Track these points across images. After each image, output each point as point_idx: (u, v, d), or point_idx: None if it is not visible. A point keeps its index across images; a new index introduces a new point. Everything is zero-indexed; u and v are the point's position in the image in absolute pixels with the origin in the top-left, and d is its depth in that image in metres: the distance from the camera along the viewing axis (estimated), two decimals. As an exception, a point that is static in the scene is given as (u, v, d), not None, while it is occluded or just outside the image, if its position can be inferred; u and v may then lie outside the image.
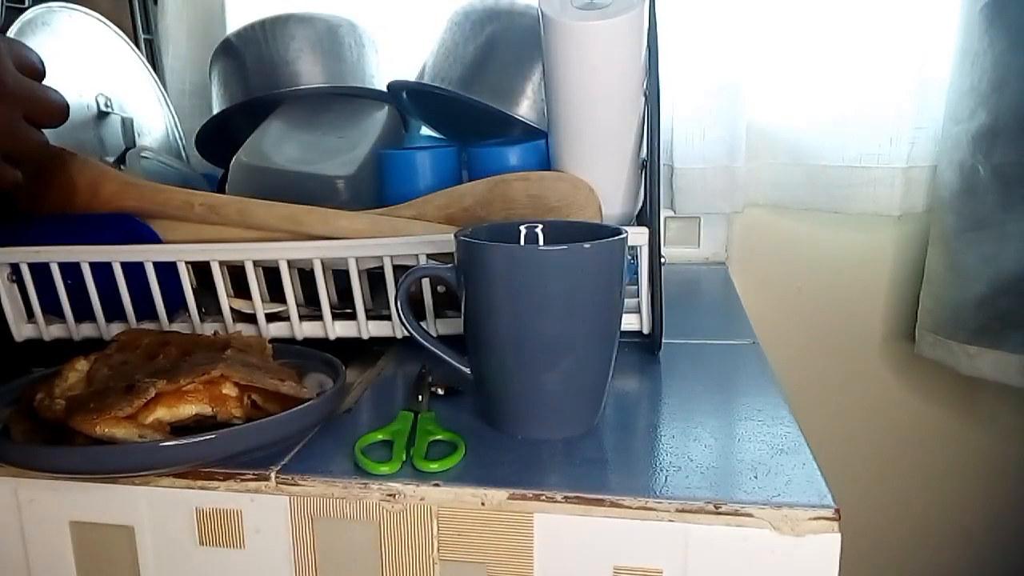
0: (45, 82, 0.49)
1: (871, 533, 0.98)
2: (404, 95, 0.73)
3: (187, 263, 0.58)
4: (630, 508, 0.36)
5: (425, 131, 0.81)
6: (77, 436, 0.39)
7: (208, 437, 0.39)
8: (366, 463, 0.40)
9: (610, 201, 0.56)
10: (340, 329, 0.59)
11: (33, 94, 0.48)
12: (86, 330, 0.62)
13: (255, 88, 0.73)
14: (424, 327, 0.49)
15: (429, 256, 0.55)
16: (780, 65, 0.86)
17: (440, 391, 0.50)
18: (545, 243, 0.47)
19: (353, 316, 0.58)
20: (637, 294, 0.56)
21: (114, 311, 0.60)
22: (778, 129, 0.89)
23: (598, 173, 0.55)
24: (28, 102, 0.47)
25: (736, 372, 0.54)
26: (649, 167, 0.54)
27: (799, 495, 0.36)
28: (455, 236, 0.43)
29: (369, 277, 0.60)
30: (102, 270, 0.58)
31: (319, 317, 0.58)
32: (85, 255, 0.58)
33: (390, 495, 0.39)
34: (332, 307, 0.59)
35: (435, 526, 0.38)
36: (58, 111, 0.50)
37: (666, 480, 0.38)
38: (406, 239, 0.55)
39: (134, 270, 0.58)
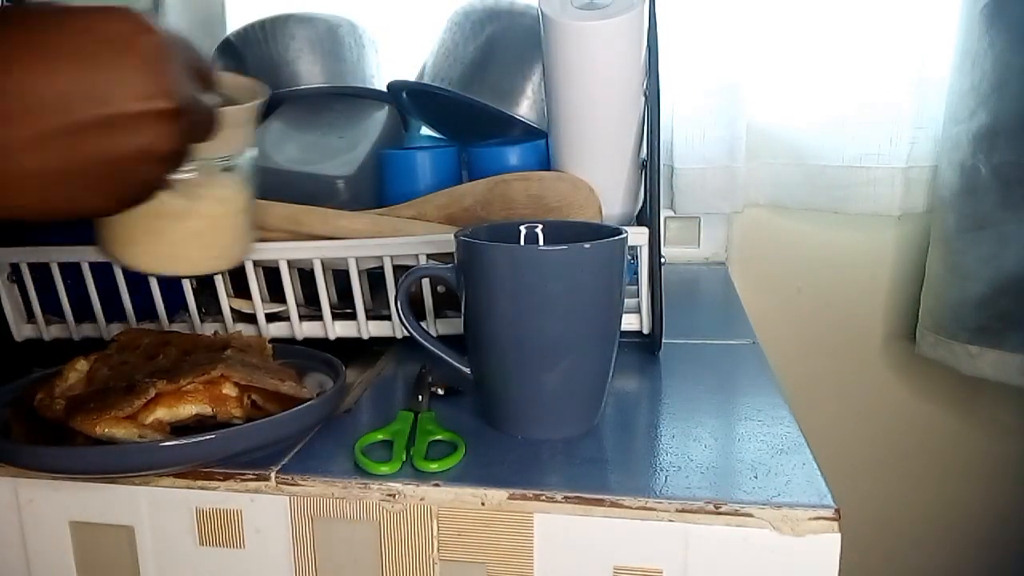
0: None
1: (871, 533, 0.98)
2: (404, 95, 0.73)
3: (187, 263, 0.58)
4: (630, 508, 0.36)
5: (425, 131, 0.81)
6: (77, 436, 0.39)
7: (208, 437, 0.39)
8: (366, 463, 0.40)
9: (610, 201, 0.56)
10: (340, 329, 0.59)
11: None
12: (86, 330, 0.62)
13: (255, 88, 0.73)
14: (424, 327, 0.49)
15: (429, 256, 0.55)
16: (780, 65, 0.86)
17: (440, 391, 0.50)
18: (545, 243, 0.47)
19: (353, 316, 0.58)
20: (637, 294, 0.56)
21: (114, 311, 0.60)
22: (778, 129, 0.89)
23: (598, 173, 0.55)
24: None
25: (736, 372, 0.54)
26: (649, 167, 0.54)
27: (799, 495, 0.36)
28: (455, 236, 0.43)
29: (369, 277, 0.60)
30: (102, 270, 0.58)
31: (319, 317, 0.58)
32: (85, 255, 0.58)
33: (390, 495, 0.39)
34: (332, 307, 0.59)
35: (435, 526, 0.38)
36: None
37: (666, 480, 0.38)
38: (406, 239, 0.55)
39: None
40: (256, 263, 0.58)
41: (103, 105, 0.29)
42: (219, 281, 0.58)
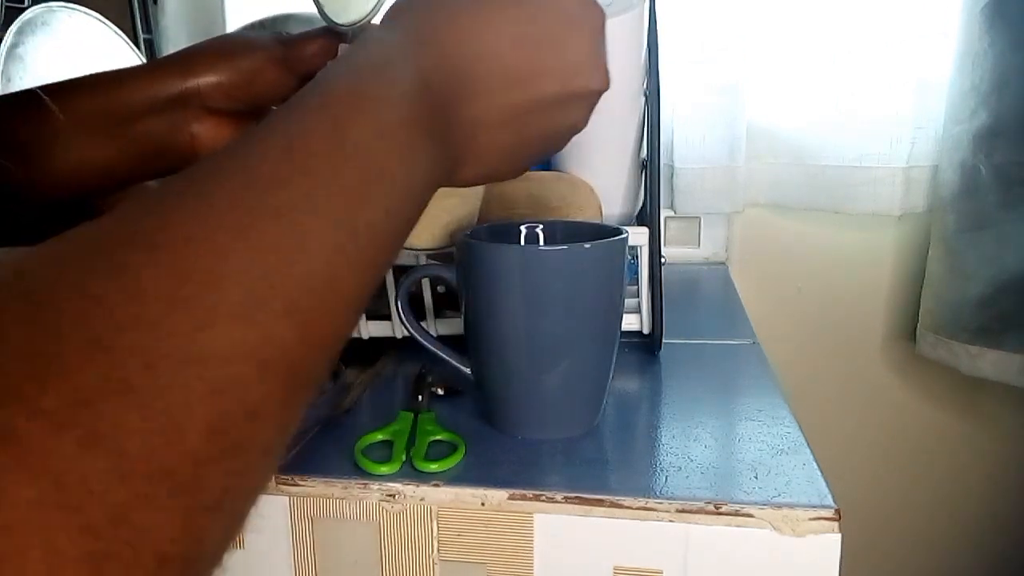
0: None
1: (872, 533, 0.98)
2: (404, 95, 0.72)
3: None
4: (630, 508, 0.36)
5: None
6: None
7: (208, 437, 0.39)
8: (366, 463, 0.40)
9: (610, 201, 0.56)
10: (340, 329, 0.59)
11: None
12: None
13: (255, 88, 0.73)
14: (424, 327, 0.49)
15: (429, 256, 0.55)
16: (780, 65, 0.86)
17: (440, 391, 0.50)
18: (545, 243, 0.47)
19: (353, 316, 0.58)
20: (637, 294, 0.56)
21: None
22: (778, 129, 0.89)
23: (598, 173, 0.55)
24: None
25: (736, 372, 0.54)
26: (649, 167, 0.54)
27: (799, 495, 0.36)
28: (456, 236, 0.43)
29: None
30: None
31: (319, 317, 0.58)
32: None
33: (390, 495, 0.39)
34: (332, 307, 0.59)
35: (435, 526, 0.38)
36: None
37: (666, 480, 0.38)
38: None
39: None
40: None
41: (563, 83, 0.29)
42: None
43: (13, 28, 0.67)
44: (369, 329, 0.58)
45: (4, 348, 0.14)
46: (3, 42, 0.66)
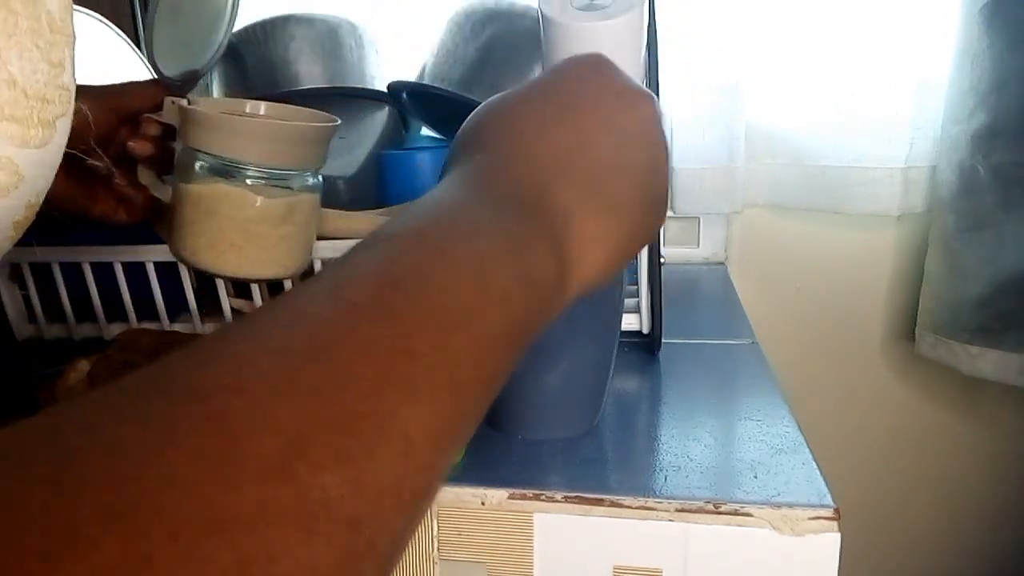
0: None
1: (871, 533, 0.98)
2: (404, 96, 0.73)
3: (187, 263, 0.58)
4: (630, 508, 0.36)
5: (425, 132, 0.81)
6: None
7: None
8: (366, 463, 0.40)
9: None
10: (340, 329, 0.59)
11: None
12: (87, 330, 0.62)
13: (255, 88, 0.73)
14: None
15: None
16: (780, 65, 0.86)
17: (440, 391, 0.50)
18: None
19: (353, 316, 0.58)
20: (637, 294, 0.56)
21: (114, 311, 0.60)
22: (778, 129, 0.89)
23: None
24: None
25: (736, 372, 0.54)
26: (649, 167, 0.54)
27: (799, 495, 0.36)
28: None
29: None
30: (102, 270, 0.58)
31: (319, 317, 0.58)
32: (85, 255, 0.58)
33: (390, 495, 0.39)
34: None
35: (435, 526, 0.39)
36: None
37: (666, 480, 0.38)
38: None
39: (134, 270, 0.58)
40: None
41: (606, 121, 0.29)
42: (219, 281, 0.58)
43: (14, 29, 0.67)
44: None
45: (22, 516, 0.13)
46: (4, 43, 0.66)
